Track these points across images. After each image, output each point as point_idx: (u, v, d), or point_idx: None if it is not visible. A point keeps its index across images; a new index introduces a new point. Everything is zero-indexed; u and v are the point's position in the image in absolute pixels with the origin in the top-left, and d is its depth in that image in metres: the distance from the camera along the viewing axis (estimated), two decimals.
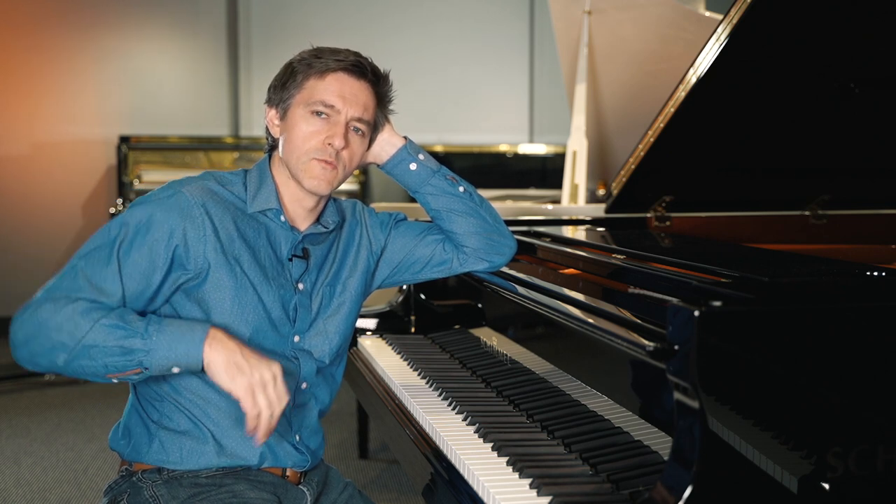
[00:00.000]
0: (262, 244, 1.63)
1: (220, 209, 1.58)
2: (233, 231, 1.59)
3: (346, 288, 1.75)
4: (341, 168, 1.63)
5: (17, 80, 6.18)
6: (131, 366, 1.42)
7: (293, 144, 1.62)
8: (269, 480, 1.62)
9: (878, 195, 2.87)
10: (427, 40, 6.93)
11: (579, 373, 1.66)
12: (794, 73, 2.37)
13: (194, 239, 1.53)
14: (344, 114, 1.62)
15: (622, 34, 3.28)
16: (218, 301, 1.55)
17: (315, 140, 1.60)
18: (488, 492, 1.38)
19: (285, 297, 1.64)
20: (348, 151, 1.63)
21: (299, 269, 1.67)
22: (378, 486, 3.39)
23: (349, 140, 1.63)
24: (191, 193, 1.56)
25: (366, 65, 1.66)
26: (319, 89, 1.61)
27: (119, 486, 1.61)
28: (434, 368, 2.11)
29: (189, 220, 1.54)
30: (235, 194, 1.63)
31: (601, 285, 1.70)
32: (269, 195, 1.64)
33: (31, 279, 6.29)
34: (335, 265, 1.75)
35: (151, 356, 1.42)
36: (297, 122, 1.61)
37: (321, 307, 1.70)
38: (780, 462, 1.18)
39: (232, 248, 1.58)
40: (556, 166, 6.42)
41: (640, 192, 2.63)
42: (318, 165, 1.60)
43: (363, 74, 1.65)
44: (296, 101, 1.62)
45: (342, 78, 1.63)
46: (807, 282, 1.45)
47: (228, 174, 1.67)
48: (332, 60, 1.62)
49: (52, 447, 3.84)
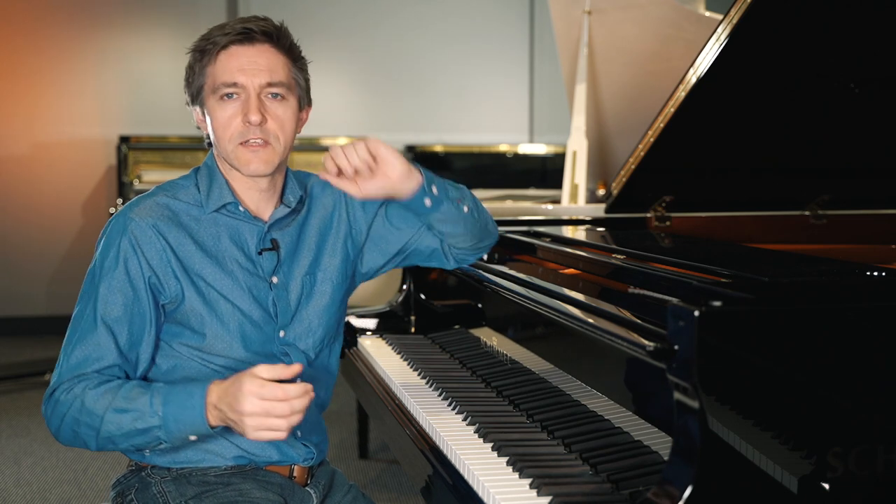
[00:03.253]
0: (224, 247, 1.59)
1: (171, 226, 1.55)
2: (189, 245, 1.56)
3: (327, 275, 1.69)
4: (274, 141, 1.55)
5: (17, 80, 6.18)
6: (154, 442, 1.46)
7: (217, 136, 1.56)
8: (277, 481, 1.62)
9: (878, 195, 2.87)
10: (427, 40, 6.93)
11: (579, 373, 1.66)
12: (794, 73, 2.37)
13: (158, 265, 1.53)
14: (251, 86, 1.52)
15: (622, 34, 3.27)
16: (197, 322, 1.56)
17: (233, 124, 1.53)
18: (488, 492, 1.38)
19: (260, 295, 1.60)
20: (274, 121, 1.54)
21: (271, 262, 1.62)
22: (378, 486, 3.39)
23: (267, 109, 1.53)
24: (140, 217, 1.54)
25: (254, 27, 1.54)
26: (218, 72, 1.53)
27: (127, 481, 1.61)
28: (434, 368, 2.11)
29: (146, 246, 1.53)
30: (187, 201, 1.59)
31: (601, 285, 1.70)
32: (221, 190, 1.59)
33: (31, 279, 6.30)
34: (312, 251, 1.68)
35: (167, 431, 1.44)
36: (213, 112, 1.55)
37: (301, 298, 1.65)
38: (780, 462, 1.18)
39: (192, 264, 1.55)
40: (556, 166, 6.41)
41: (640, 192, 2.63)
42: (246, 150, 1.53)
43: (254, 38, 1.54)
44: (205, 93, 1.56)
45: (234, 51, 1.54)
46: (807, 282, 1.45)
47: (180, 179, 1.63)
48: (219, 37, 1.54)
49: (52, 447, 3.84)
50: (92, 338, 1.51)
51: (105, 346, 1.51)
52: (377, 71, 6.83)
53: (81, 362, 1.50)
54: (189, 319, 1.56)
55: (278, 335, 1.63)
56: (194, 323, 1.56)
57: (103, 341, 1.51)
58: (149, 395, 1.44)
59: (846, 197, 2.83)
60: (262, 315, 1.60)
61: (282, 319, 1.63)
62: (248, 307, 1.59)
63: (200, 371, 1.57)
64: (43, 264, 6.32)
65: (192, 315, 1.56)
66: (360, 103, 6.75)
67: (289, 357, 1.64)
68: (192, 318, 1.56)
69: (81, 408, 1.46)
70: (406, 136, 6.67)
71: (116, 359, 1.51)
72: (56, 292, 6.34)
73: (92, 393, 1.46)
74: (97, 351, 1.50)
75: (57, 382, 1.50)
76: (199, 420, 1.42)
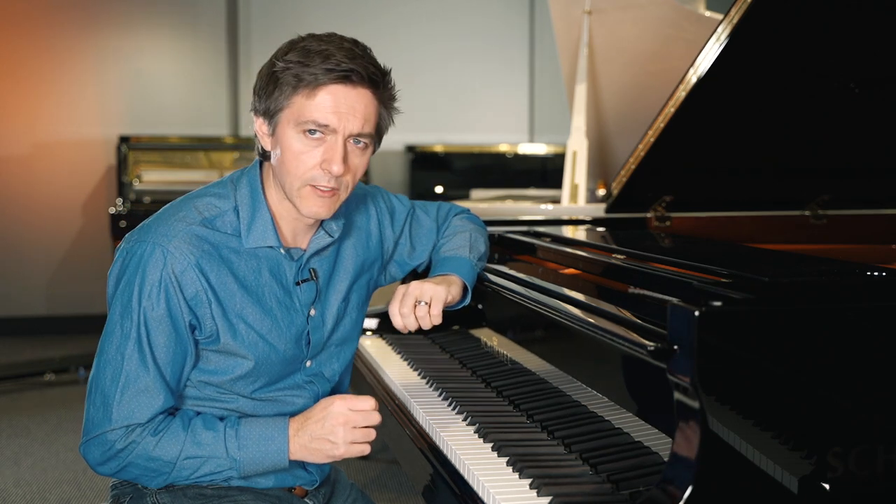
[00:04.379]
0: (264, 282, 1.50)
1: (213, 263, 1.45)
2: (231, 284, 1.46)
3: (360, 295, 1.67)
4: (343, 191, 1.47)
5: (17, 80, 6.18)
6: (225, 479, 1.48)
7: (286, 167, 1.44)
8: (275, 494, 1.59)
9: (878, 195, 2.87)
10: (427, 40, 6.93)
11: (579, 373, 1.66)
12: (794, 73, 2.37)
13: (196, 306, 1.45)
14: (341, 132, 1.42)
15: (622, 34, 3.27)
16: (227, 360, 1.50)
17: (310, 163, 1.42)
18: (488, 492, 1.38)
19: (297, 330, 1.55)
20: (350, 173, 1.46)
21: (309, 293, 1.56)
22: (378, 486, 3.39)
23: (349, 159, 1.44)
24: (179, 252, 1.42)
25: (362, 70, 1.41)
26: (310, 107, 1.40)
27: (122, 487, 1.59)
28: (434, 368, 2.11)
29: (187, 288, 1.43)
30: (226, 231, 1.48)
31: (601, 285, 1.70)
32: (265, 229, 1.49)
33: (31, 279, 6.30)
34: (350, 274, 1.64)
35: (242, 472, 1.46)
36: (289, 141, 1.42)
37: (335, 326, 1.62)
38: (780, 462, 1.18)
39: (233, 305, 1.47)
40: (556, 166, 6.41)
41: (640, 192, 2.63)
42: (314, 194, 1.44)
43: (360, 81, 1.42)
44: (284, 118, 1.42)
45: (335, 90, 1.40)
46: (807, 282, 1.45)
47: (215, 199, 1.49)
48: (322, 71, 1.39)
49: (52, 447, 3.84)
50: (142, 381, 1.42)
51: (156, 389, 1.43)
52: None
53: (135, 410, 1.42)
54: (220, 357, 1.50)
55: (304, 365, 1.60)
56: (225, 361, 1.50)
57: (154, 385, 1.43)
58: (222, 441, 1.44)
59: (846, 197, 2.83)
60: (294, 351, 1.56)
61: (312, 351, 1.60)
62: (284, 347, 1.53)
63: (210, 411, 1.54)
64: (43, 264, 6.32)
65: (227, 353, 1.50)
66: None
67: (314, 385, 1.62)
68: (226, 356, 1.50)
69: (149, 457, 1.42)
70: (406, 136, 6.67)
71: (168, 398, 1.45)
72: (56, 292, 6.34)
73: (154, 440, 1.42)
74: (150, 396, 1.43)
75: (106, 428, 1.42)
76: (281, 459, 1.46)
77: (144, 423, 1.43)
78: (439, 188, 6.47)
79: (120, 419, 1.42)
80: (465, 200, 4.78)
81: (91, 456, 1.45)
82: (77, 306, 6.32)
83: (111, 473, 1.47)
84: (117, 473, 1.47)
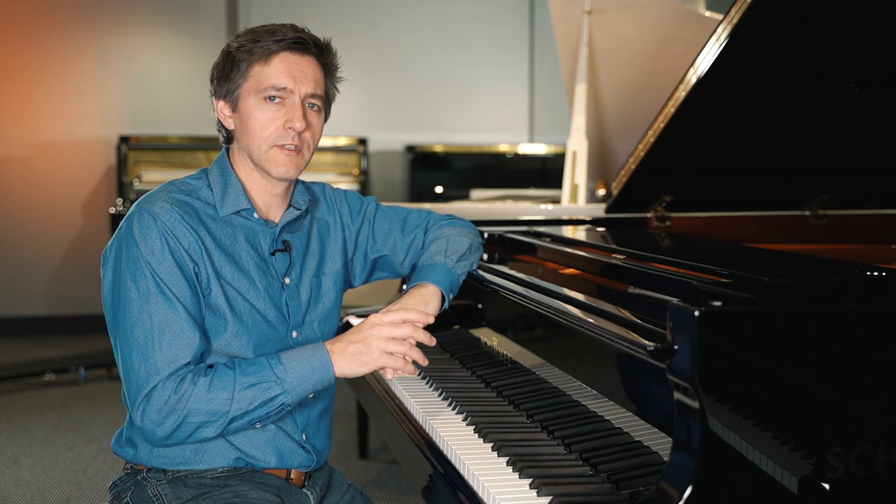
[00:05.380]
0: (240, 247, 1.60)
1: (195, 223, 1.55)
2: (210, 242, 1.56)
3: (330, 280, 1.75)
4: (306, 149, 1.61)
5: (17, 80, 6.18)
6: (276, 408, 1.50)
7: (251, 135, 1.58)
8: (273, 483, 1.62)
9: (878, 195, 2.87)
10: (427, 40, 6.93)
11: (579, 373, 1.66)
12: (794, 73, 2.37)
13: (194, 252, 1.53)
14: (297, 93, 1.58)
15: (622, 34, 3.28)
16: (218, 319, 1.55)
17: (273, 126, 1.57)
18: (488, 492, 1.38)
19: (275, 295, 1.63)
20: (310, 131, 1.61)
21: (283, 263, 1.66)
22: (378, 486, 3.39)
23: (308, 119, 1.60)
24: (165, 211, 1.52)
25: (307, 38, 1.61)
26: (267, 74, 1.57)
27: (123, 483, 1.61)
28: (434, 368, 2.11)
29: (182, 237, 1.52)
30: (203, 200, 1.60)
31: (601, 285, 1.70)
32: (237, 194, 1.61)
33: (31, 279, 6.30)
34: (317, 255, 1.74)
35: (291, 395, 1.50)
36: (251, 111, 1.58)
37: (310, 300, 1.70)
38: (780, 462, 1.18)
39: (216, 262, 1.56)
40: (556, 166, 6.42)
41: (640, 192, 2.63)
42: (281, 153, 1.58)
43: (307, 49, 1.61)
44: (244, 91, 1.58)
45: (287, 57, 1.58)
46: (807, 282, 1.45)
47: (190, 178, 1.64)
48: (273, 42, 1.58)
49: (52, 447, 3.84)
50: (175, 325, 1.48)
51: (190, 329, 1.49)
52: (377, 71, 6.83)
53: (178, 353, 1.47)
54: (210, 315, 1.55)
55: (291, 336, 1.65)
56: (214, 319, 1.55)
57: (188, 326, 1.49)
58: (269, 368, 1.49)
59: (846, 197, 2.83)
60: (276, 315, 1.62)
61: (294, 320, 1.66)
62: (264, 307, 1.60)
63: None
64: (43, 264, 6.32)
65: (215, 311, 1.55)
66: (361, 103, 6.75)
67: None
68: (214, 314, 1.55)
69: (206, 399, 1.45)
70: (406, 136, 6.67)
71: (202, 339, 1.51)
72: (56, 292, 6.34)
73: (206, 381, 1.46)
74: (187, 337, 1.48)
75: (155, 380, 1.45)
76: (326, 371, 1.51)
77: (190, 363, 1.47)
78: (439, 188, 6.47)
79: (166, 365, 1.46)
80: (464, 200, 4.79)
81: (148, 420, 1.45)
82: (77, 306, 6.32)
83: (170, 433, 1.46)
84: (176, 431, 1.46)
